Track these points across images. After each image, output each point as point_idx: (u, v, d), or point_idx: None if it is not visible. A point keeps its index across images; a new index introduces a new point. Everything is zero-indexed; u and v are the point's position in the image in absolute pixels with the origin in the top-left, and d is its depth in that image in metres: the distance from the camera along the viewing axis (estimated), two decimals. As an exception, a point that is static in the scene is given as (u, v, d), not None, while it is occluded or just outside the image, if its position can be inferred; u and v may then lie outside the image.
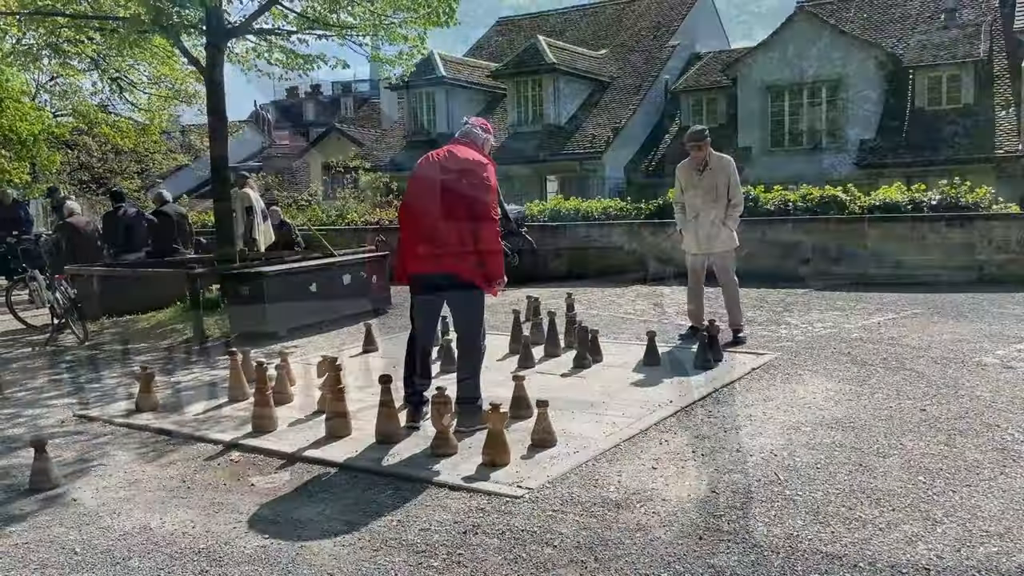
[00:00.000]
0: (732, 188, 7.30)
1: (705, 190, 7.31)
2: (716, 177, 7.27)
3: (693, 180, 7.41)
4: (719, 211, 7.26)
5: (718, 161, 7.34)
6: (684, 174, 7.54)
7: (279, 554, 3.47)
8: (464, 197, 4.75)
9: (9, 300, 10.29)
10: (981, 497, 3.73)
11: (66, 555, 3.55)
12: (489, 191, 4.83)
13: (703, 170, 7.33)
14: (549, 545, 3.45)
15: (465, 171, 4.81)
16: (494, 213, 4.85)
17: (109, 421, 5.73)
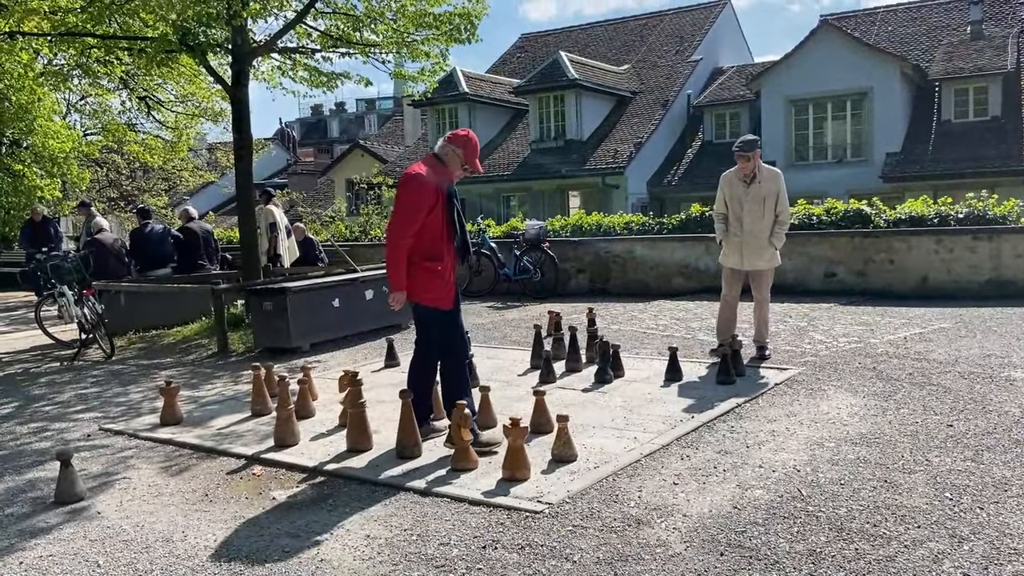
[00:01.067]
0: (780, 203, 6.94)
1: (752, 204, 6.94)
2: (764, 190, 6.90)
3: (739, 192, 7.00)
4: (765, 227, 6.95)
5: (768, 174, 6.96)
6: (730, 185, 7.10)
7: (299, 568, 3.48)
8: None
9: (38, 315, 10.45)
10: (1009, 515, 3.66)
11: (89, 568, 3.59)
12: (399, 204, 4.85)
13: (751, 182, 6.92)
14: (569, 560, 3.43)
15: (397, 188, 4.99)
16: (394, 226, 4.85)
17: (134, 435, 5.79)
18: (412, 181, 4.84)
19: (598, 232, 12.97)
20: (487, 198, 26.50)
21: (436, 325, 5.10)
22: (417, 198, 4.81)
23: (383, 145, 34.60)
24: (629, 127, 26.51)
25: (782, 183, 6.99)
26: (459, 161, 5.00)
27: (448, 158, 4.99)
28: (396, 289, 4.92)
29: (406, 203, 4.82)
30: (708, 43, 30.44)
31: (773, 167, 7.15)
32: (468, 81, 27.45)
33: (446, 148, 5.00)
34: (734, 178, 7.07)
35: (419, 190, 4.82)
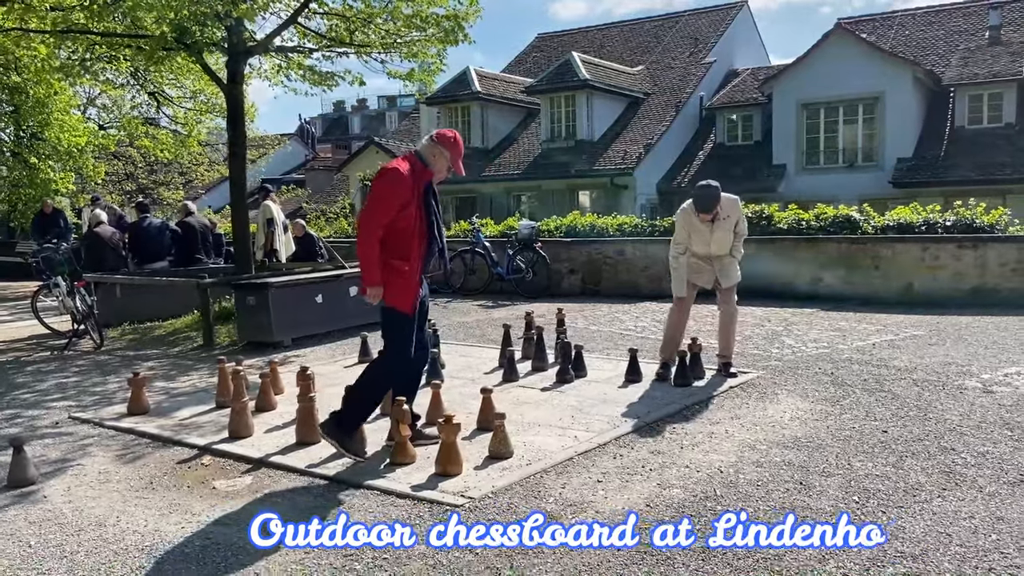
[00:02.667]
0: (741, 223, 6.81)
1: (719, 236, 6.74)
2: (729, 221, 6.70)
3: (703, 229, 6.72)
4: (728, 247, 6.84)
5: (727, 204, 6.68)
6: (690, 224, 6.79)
7: (216, 554, 3.64)
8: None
9: (34, 305, 10.73)
10: (909, 518, 3.74)
11: (21, 548, 3.77)
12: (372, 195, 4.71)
13: (715, 220, 6.66)
14: (471, 552, 3.56)
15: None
16: (366, 218, 4.70)
17: (99, 423, 5.99)
18: (389, 174, 4.71)
19: (592, 233, 13.07)
20: (497, 196, 26.63)
21: (393, 326, 4.94)
22: (392, 190, 4.66)
23: (398, 142, 34.83)
24: (640, 128, 26.52)
25: (740, 207, 6.79)
26: (445, 162, 4.89)
27: (434, 158, 4.87)
28: (372, 283, 4.74)
29: (379, 194, 4.68)
30: (723, 45, 30.35)
31: (729, 195, 6.75)
32: (481, 80, 27.60)
33: (433, 148, 4.88)
34: (695, 217, 6.72)
35: (395, 183, 4.68)
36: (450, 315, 10.94)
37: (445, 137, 4.90)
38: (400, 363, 4.94)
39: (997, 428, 5.06)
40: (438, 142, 4.87)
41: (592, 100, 25.89)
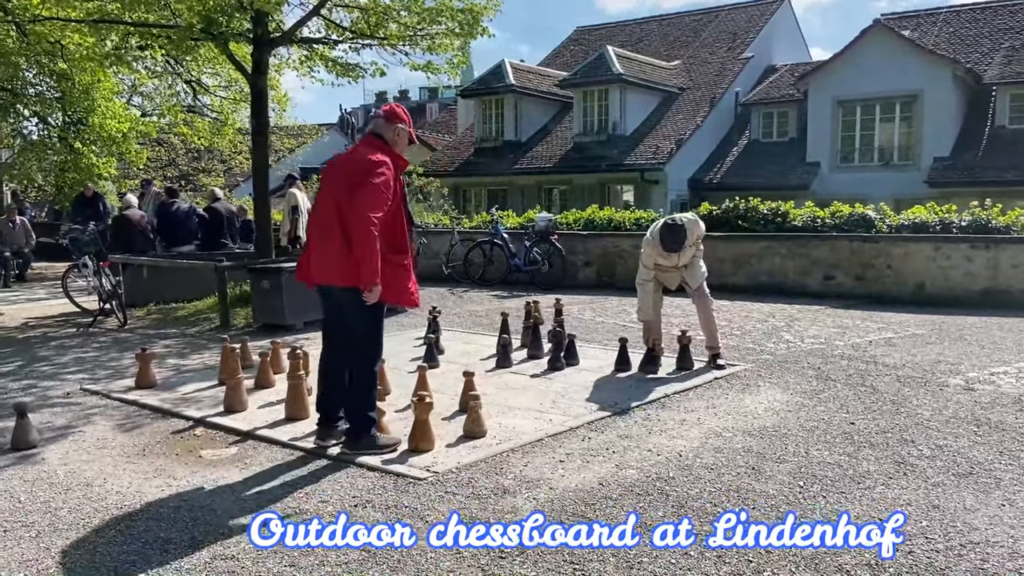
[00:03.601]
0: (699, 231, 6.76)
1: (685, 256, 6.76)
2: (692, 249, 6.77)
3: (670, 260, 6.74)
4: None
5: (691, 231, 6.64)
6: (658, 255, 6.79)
7: (186, 514, 3.90)
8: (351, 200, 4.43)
9: (65, 284, 11.21)
10: (848, 503, 3.86)
11: (12, 503, 4.08)
12: (367, 188, 4.40)
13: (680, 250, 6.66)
14: (422, 520, 3.78)
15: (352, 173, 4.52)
16: (369, 209, 4.36)
17: (107, 395, 6.33)
18: (382, 165, 4.49)
19: (608, 227, 13.18)
20: (529, 189, 26.79)
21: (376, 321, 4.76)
22: (387, 178, 4.47)
23: (435, 134, 35.17)
24: (674, 123, 26.45)
25: (698, 223, 6.78)
26: (405, 139, 4.74)
27: (398, 137, 4.70)
28: (374, 280, 4.40)
29: (380, 183, 4.42)
30: (762, 40, 30.08)
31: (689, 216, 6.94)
32: (516, 73, 27.74)
33: (395, 128, 4.68)
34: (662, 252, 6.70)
35: (387, 172, 4.50)
36: (464, 304, 11.16)
37: (396, 114, 4.74)
38: (377, 353, 4.84)
39: (965, 424, 5.12)
40: (396, 120, 4.70)
41: (625, 94, 25.89)
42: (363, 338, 4.73)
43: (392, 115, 4.74)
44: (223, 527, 3.74)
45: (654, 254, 6.81)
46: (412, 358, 7.33)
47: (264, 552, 3.47)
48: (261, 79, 11.01)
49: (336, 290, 4.61)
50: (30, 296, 13.32)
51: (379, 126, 4.74)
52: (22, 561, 3.42)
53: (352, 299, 4.54)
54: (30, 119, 22.88)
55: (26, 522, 3.83)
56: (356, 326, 4.70)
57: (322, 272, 4.63)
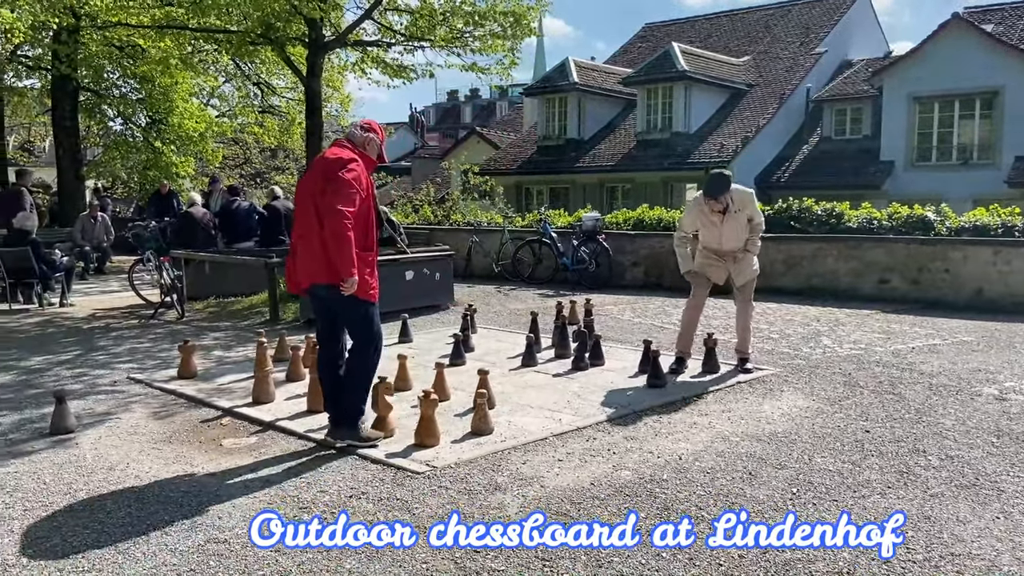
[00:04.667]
0: (756, 216, 6.81)
1: (729, 230, 6.79)
2: (740, 215, 6.73)
3: (713, 221, 6.81)
4: (741, 243, 6.83)
5: (739, 197, 6.72)
6: (700, 214, 6.83)
7: (193, 499, 4.13)
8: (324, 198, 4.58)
9: (131, 277, 11.77)
10: (837, 512, 3.82)
11: (37, 483, 4.38)
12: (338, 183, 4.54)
13: (726, 212, 6.72)
14: (410, 512, 3.91)
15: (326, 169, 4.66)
16: (341, 205, 4.50)
17: (149, 384, 6.66)
18: (352, 164, 4.65)
19: (658, 227, 13.10)
20: (591, 188, 26.74)
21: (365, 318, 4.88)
22: (356, 174, 4.63)
23: (501, 132, 35.40)
24: (740, 121, 26.01)
25: (752, 198, 6.79)
26: (375, 150, 4.93)
27: (369, 146, 4.90)
28: (350, 273, 4.54)
29: (349, 179, 4.56)
30: (837, 34, 29.30)
31: (742, 188, 6.83)
32: (579, 71, 27.70)
33: (368, 136, 4.88)
34: (706, 208, 6.80)
35: (356, 167, 4.67)
36: (508, 302, 11.28)
37: (372, 126, 4.96)
38: (376, 351, 4.93)
39: (985, 434, 4.98)
40: (369, 131, 4.90)
41: (690, 91, 25.58)
42: (358, 332, 4.87)
43: (367, 126, 4.97)
44: (223, 513, 3.94)
45: (696, 212, 6.86)
46: (442, 355, 7.47)
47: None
48: (315, 81, 11.35)
49: (322, 289, 4.73)
50: (104, 288, 13.99)
51: (352, 133, 4.94)
52: (34, 538, 3.68)
53: (338, 295, 4.66)
54: (114, 119, 24.00)
55: (46, 502, 4.10)
56: (349, 321, 4.86)
57: (307, 274, 4.75)
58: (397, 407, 5.48)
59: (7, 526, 3.82)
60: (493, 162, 28.91)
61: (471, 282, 13.73)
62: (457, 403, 5.82)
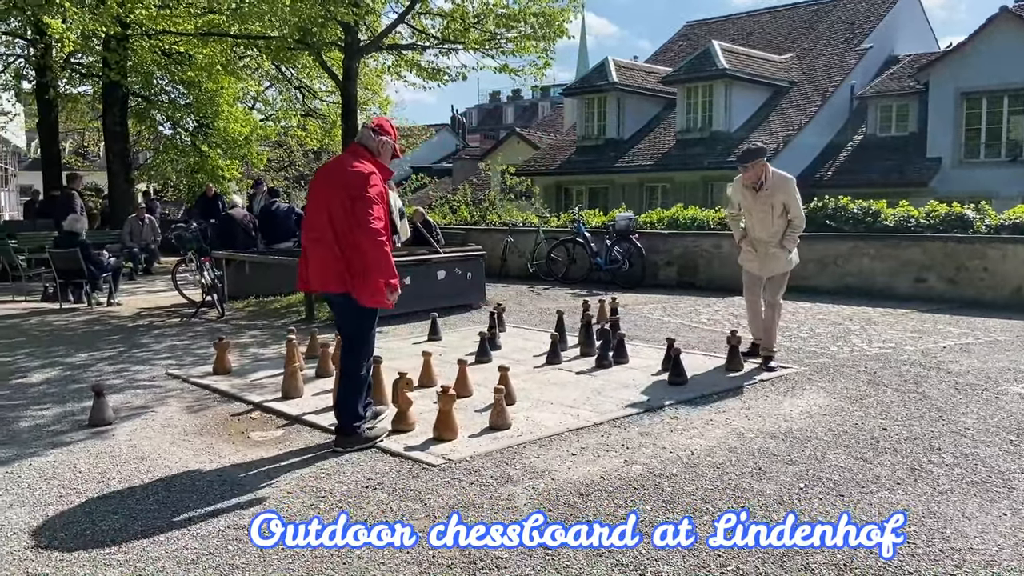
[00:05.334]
0: (792, 207, 6.90)
1: (759, 212, 6.97)
2: (772, 198, 6.88)
3: (748, 200, 7.04)
4: (774, 233, 6.94)
5: (776, 180, 6.90)
6: (738, 192, 7.19)
7: (217, 488, 4.31)
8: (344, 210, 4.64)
9: (174, 277, 12.13)
10: (841, 507, 3.85)
11: (72, 471, 4.60)
12: (366, 202, 4.61)
13: (759, 190, 6.92)
14: (421, 502, 4.03)
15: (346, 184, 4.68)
16: (374, 222, 4.60)
17: (186, 379, 6.91)
18: (371, 175, 4.72)
19: (692, 226, 13.08)
20: (630, 188, 26.69)
21: (367, 323, 4.98)
22: (380, 189, 4.74)
23: (541, 133, 35.49)
24: (782, 118, 25.73)
25: (792, 188, 6.89)
26: (390, 151, 4.94)
27: (383, 149, 4.91)
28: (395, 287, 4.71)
29: (375, 194, 4.66)
30: (883, 30, 28.81)
31: (783, 173, 7.01)
32: (619, 70, 27.67)
33: (381, 140, 4.89)
34: (742, 185, 7.05)
35: (378, 182, 4.75)
36: (539, 302, 11.38)
37: (383, 127, 4.96)
38: (370, 352, 5.08)
39: (1004, 433, 4.95)
40: (381, 133, 4.90)
41: (731, 90, 25.39)
42: (356, 340, 4.97)
43: (379, 128, 4.94)
44: (244, 501, 4.11)
45: (737, 186, 7.15)
46: (468, 352, 7.59)
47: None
48: (351, 85, 11.58)
49: (332, 296, 4.85)
50: (150, 288, 14.43)
51: (365, 137, 4.94)
52: (66, 523, 3.89)
53: (346, 303, 4.78)
54: (163, 124, 24.65)
55: (80, 490, 4.32)
56: (351, 329, 4.97)
57: (320, 280, 4.83)
58: (420, 402, 5.63)
59: (42, 511, 4.03)
60: (532, 162, 29.01)
61: (506, 282, 13.87)
62: (479, 399, 5.94)
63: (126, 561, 3.47)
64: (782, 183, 6.91)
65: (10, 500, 4.19)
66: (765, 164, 6.92)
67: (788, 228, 6.96)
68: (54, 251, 11.71)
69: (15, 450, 5.02)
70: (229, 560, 3.45)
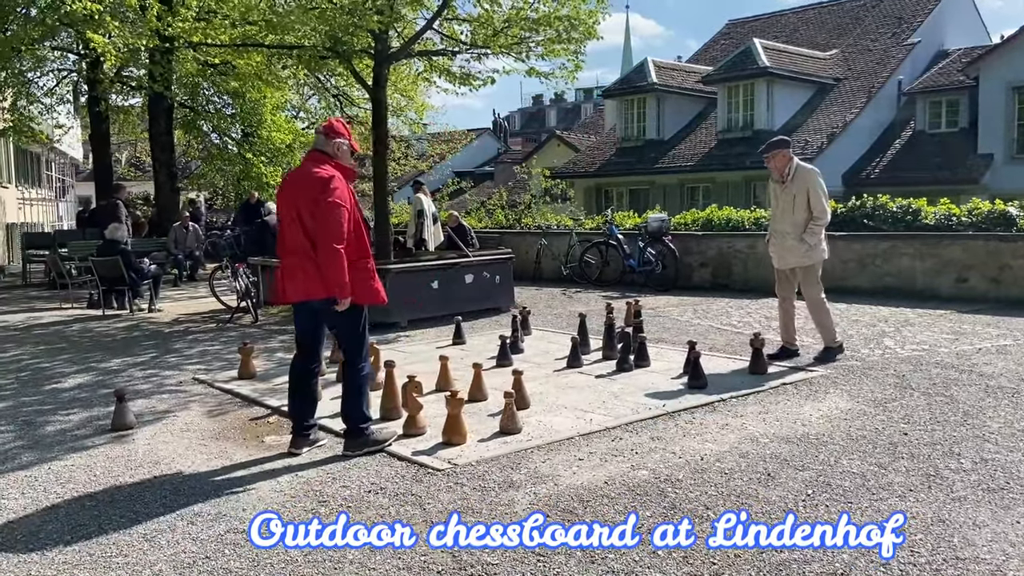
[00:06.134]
0: (812, 201, 6.97)
1: (782, 203, 7.13)
2: (794, 189, 7.01)
3: (775, 191, 7.26)
4: (793, 225, 7.01)
5: (800, 172, 7.06)
6: (770, 186, 7.45)
7: (225, 491, 4.36)
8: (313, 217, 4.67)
9: (211, 283, 12.36)
10: (845, 513, 3.75)
11: (88, 475, 4.71)
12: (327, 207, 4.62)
13: (784, 182, 7.10)
14: (421, 507, 4.03)
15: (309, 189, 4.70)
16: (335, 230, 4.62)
17: (211, 384, 7.03)
18: (331, 178, 4.69)
19: (727, 227, 12.90)
20: (671, 189, 26.44)
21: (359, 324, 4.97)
22: (341, 191, 4.70)
23: (582, 135, 35.38)
24: (826, 116, 25.25)
25: (814, 180, 6.99)
26: (347, 150, 4.92)
27: (340, 152, 4.88)
28: (345, 295, 4.68)
29: (336, 199, 4.64)
30: (931, 23, 28.10)
31: (808, 165, 7.13)
32: (658, 71, 27.44)
33: (336, 143, 4.87)
34: (772, 179, 7.25)
35: (339, 184, 4.71)
36: (570, 304, 11.33)
37: (336, 129, 4.93)
38: (367, 356, 5.05)
39: (1031, 438, 4.77)
40: (334, 135, 4.88)
41: (772, 88, 25.00)
42: (349, 344, 5.00)
43: (330, 130, 4.92)
44: (248, 505, 4.15)
45: (769, 184, 7.51)
46: (491, 356, 7.58)
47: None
48: (380, 92, 11.64)
49: (319, 303, 4.80)
50: (192, 294, 14.72)
51: (320, 142, 4.93)
52: (75, 524, 3.98)
53: (330, 309, 4.76)
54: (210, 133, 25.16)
55: (92, 493, 4.41)
56: (345, 331, 4.98)
57: (302, 290, 4.79)
58: (436, 406, 5.63)
59: (54, 513, 4.13)
60: (571, 165, 28.94)
61: (539, 285, 13.86)
62: (494, 403, 5.92)
63: (125, 564, 3.53)
64: (805, 175, 7.04)
65: (24, 503, 4.30)
66: (788, 155, 7.04)
67: (811, 222, 6.97)
68: (96, 259, 12.02)
69: (37, 454, 5.15)
70: (224, 564, 3.49)
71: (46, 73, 22.31)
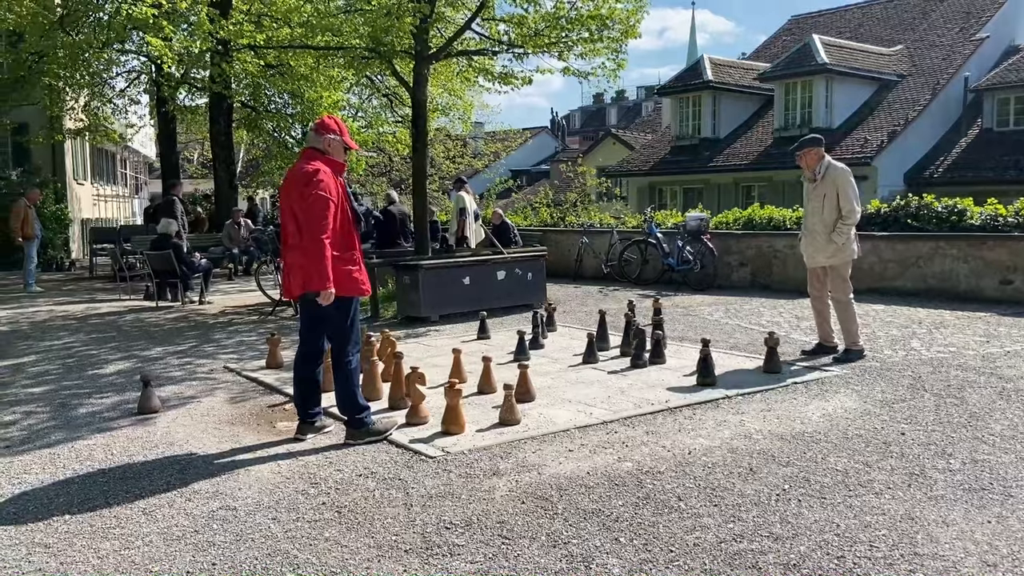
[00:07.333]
0: (842, 199, 6.97)
1: (812, 201, 7.20)
2: (824, 188, 7.05)
3: (807, 190, 7.37)
4: (823, 223, 7.04)
5: (830, 171, 7.09)
6: (804, 184, 7.56)
7: (227, 472, 4.60)
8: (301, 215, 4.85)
9: (256, 277, 12.78)
10: (818, 509, 3.77)
11: (106, 453, 5.01)
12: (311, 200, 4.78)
13: (815, 180, 7.15)
14: (405, 492, 4.19)
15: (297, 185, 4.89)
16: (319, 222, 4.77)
17: (239, 372, 7.33)
18: (316, 171, 4.85)
19: (768, 226, 12.76)
20: (726, 188, 26.14)
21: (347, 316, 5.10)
22: (325, 183, 4.83)
23: (638, 133, 35.19)
24: (888, 114, 24.62)
25: (844, 179, 7.00)
26: (340, 146, 5.05)
27: (332, 149, 5.03)
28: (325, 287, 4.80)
29: (320, 190, 4.79)
30: (1002, 18, 27.17)
31: (839, 164, 7.17)
32: (714, 68, 27.14)
33: (327, 139, 5.02)
34: (803, 176, 7.40)
35: (324, 177, 4.85)
36: (604, 302, 11.36)
37: (327, 126, 5.07)
38: (356, 345, 5.20)
39: (1031, 441, 4.68)
40: (324, 132, 5.03)
41: (832, 85, 24.50)
42: (336, 335, 5.14)
43: (321, 127, 5.08)
44: (244, 484, 4.38)
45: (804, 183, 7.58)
46: (510, 351, 7.71)
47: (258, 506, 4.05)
48: (420, 91, 11.87)
49: (313, 295, 4.92)
50: (242, 288, 15.23)
51: (311, 139, 5.11)
52: (84, 498, 4.25)
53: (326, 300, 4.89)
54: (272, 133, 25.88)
55: (106, 470, 4.70)
56: (333, 326, 5.12)
57: (300, 283, 4.96)
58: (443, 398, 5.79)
59: (68, 488, 4.42)
60: (625, 163, 28.85)
61: (579, 283, 13.93)
62: (501, 396, 6.03)
63: (121, 535, 3.77)
64: (835, 174, 7.07)
65: (43, 477, 4.61)
66: (820, 153, 7.13)
67: (840, 221, 6.95)
68: (150, 252, 12.55)
69: (65, 433, 5.49)
70: (209, 538, 3.71)
71: (117, 75, 23.29)
